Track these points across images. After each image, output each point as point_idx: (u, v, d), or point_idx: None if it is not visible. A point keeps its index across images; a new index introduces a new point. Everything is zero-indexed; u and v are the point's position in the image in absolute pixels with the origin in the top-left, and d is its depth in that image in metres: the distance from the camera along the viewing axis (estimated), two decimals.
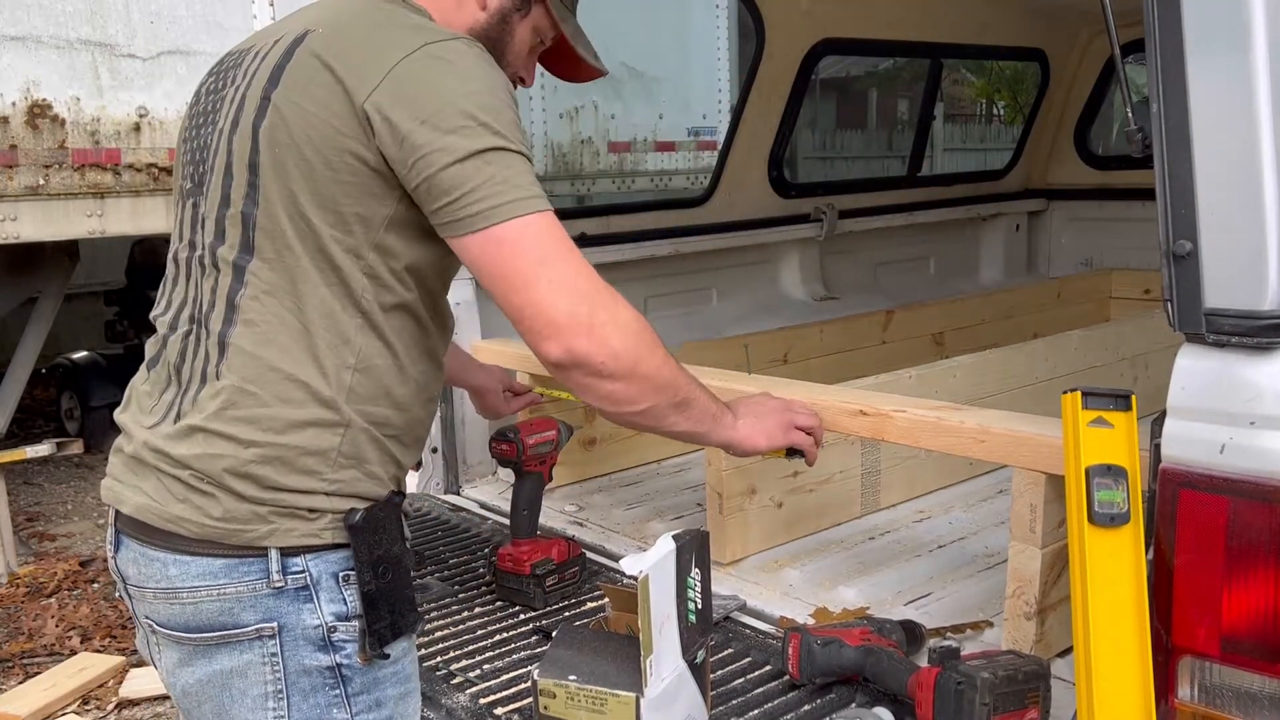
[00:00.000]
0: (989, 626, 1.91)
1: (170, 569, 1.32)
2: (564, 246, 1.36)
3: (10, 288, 5.16)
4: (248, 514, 1.31)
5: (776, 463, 2.28)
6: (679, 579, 1.54)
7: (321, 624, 1.33)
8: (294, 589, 1.32)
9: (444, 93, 1.30)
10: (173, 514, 1.32)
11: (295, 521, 1.32)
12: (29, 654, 4.03)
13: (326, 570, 1.34)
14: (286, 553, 1.32)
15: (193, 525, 1.31)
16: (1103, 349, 2.99)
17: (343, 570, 1.34)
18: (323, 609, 1.33)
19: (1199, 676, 1.35)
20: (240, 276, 1.34)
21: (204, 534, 1.31)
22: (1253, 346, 1.27)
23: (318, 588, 1.33)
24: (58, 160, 4.57)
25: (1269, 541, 1.26)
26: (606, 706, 1.53)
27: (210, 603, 1.32)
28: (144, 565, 1.36)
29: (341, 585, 1.34)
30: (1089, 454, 1.38)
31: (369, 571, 1.34)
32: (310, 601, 1.33)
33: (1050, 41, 4.41)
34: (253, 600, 1.31)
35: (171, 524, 1.32)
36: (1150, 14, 1.30)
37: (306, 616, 1.33)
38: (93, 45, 4.67)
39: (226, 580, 1.31)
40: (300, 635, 1.33)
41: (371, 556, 1.35)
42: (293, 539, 1.32)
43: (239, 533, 1.31)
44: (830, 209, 3.88)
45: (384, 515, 1.37)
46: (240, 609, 1.31)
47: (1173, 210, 1.30)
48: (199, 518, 1.31)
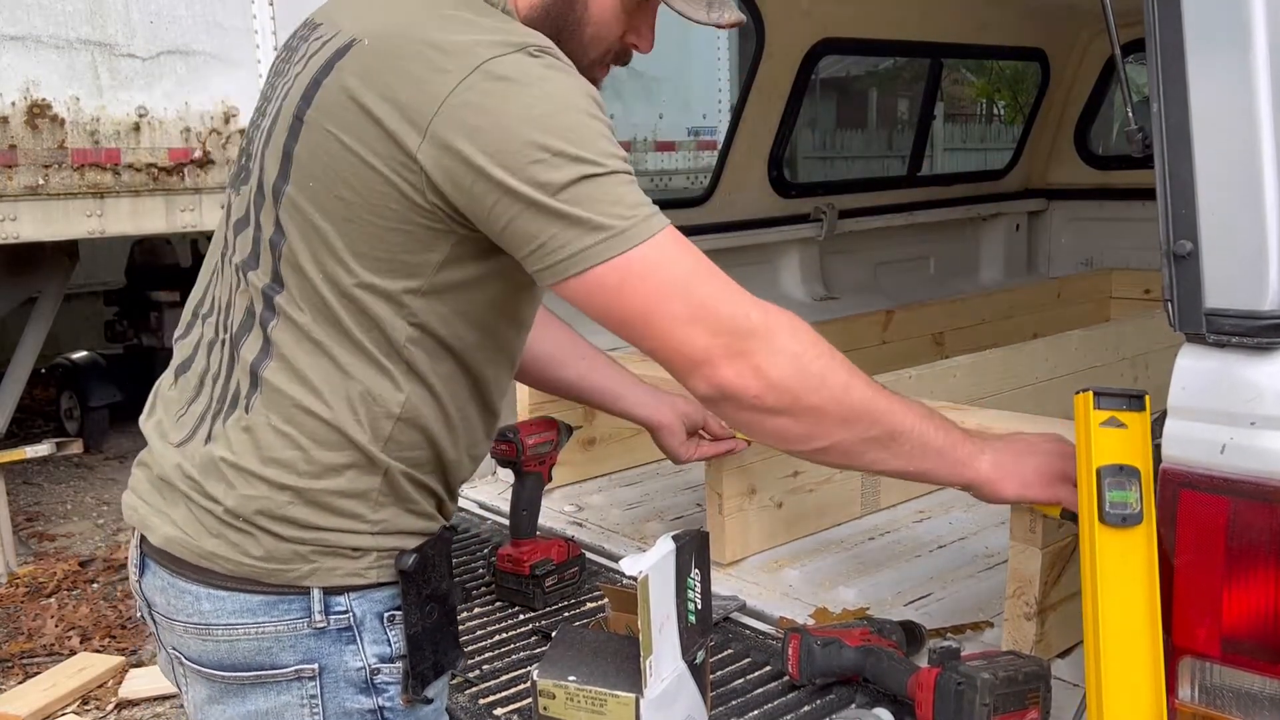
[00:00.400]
0: (989, 627, 1.91)
1: (204, 604, 1.24)
2: (682, 269, 1.22)
3: (10, 288, 5.16)
4: (289, 553, 1.23)
5: (775, 462, 2.28)
6: (679, 579, 1.53)
7: (365, 666, 1.27)
8: (336, 629, 1.25)
9: (510, 122, 1.13)
10: (206, 550, 1.23)
11: (339, 560, 1.25)
12: (29, 654, 4.04)
13: (371, 610, 1.27)
14: (330, 591, 1.25)
15: (229, 563, 1.23)
16: (1103, 349, 2.99)
17: (388, 610, 1.28)
18: (366, 650, 1.27)
19: (1199, 677, 1.34)
20: (271, 306, 1.23)
21: (241, 572, 1.23)
22: (1253, 347, 1.26)
23: (361, 628, 1.26)
24: (57, 160, 4.57)
25: (1269, 542, 1.26)
26: (606, 707, 1.53)
27: (247, 641, 1.24)
28: (174, 596, 1.27)
29: (386, 626, 1.28)
30: (1101, 454, 1.37)
31: (417, 613, 1.28)
32: (354, 643, 1.26)
33: (1050, 41, 4.41)
34: (293, 640, 1.24)
35: (205, 560, 1.24)
36: (1150, 13, 1.30)
37: (349, 658, 1.26)
38: (92, 45, 4.67)
39: (266, 618, 1.23)
40: (342, 677, 1.26)
41: (420, 598, 1.28)
42: (336, 578, 1.24)
43: (280, 572, 1.23)
44: (830, 209, 3.88)
45: (435, 554, 1.30)
46: (279, 649, 1.24)
47: (1173, 210, 1.30)
48: (236, 555, 1.22)
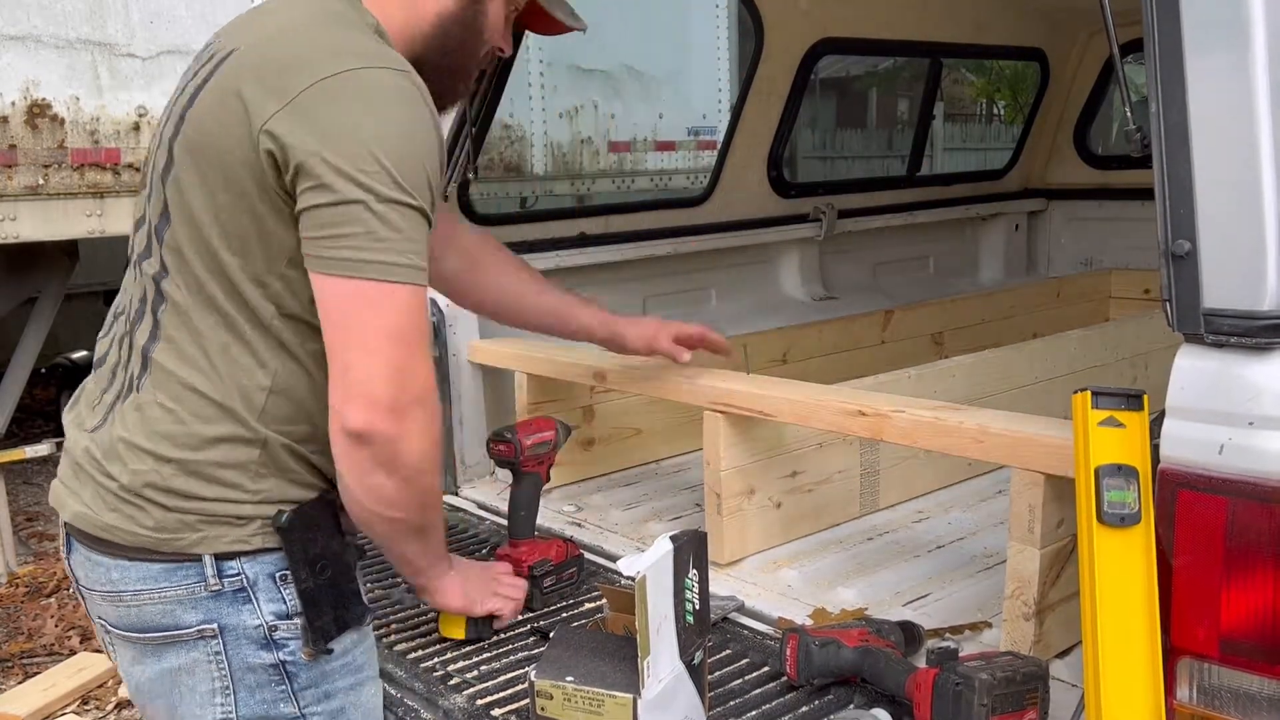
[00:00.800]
0: (987, 627, 1.91)
1: (113, 573, 1.36)
2: (420, 331, 1.31)
3: (10, 288, 5.16)
4: (176, 523, 1.33)
5: (774, 463, 2.28)
6: (677, 580, 1.53)
7: (262, 624, 1.36)
8: (231, 591, 1.35)
9: (352, 127, 1.25)
10: (105, 523, 1.35)
11: (224, 528, 1.34)
12: (28, 654, 4.03)
13: (263, 571, 1.36)
14: (221, 556, 1.34)
15: (125, 534, 1.34)
16: (1102, 349, 2.99)
17: (279, 570, 1.37)
18: (262, 609, 1.36)
19: (1198, 677, 1.34)
20: (159, 291, 1.37)
21: (137, 542, 1.34)
22: (1251, 347, 1.26)
23: (255, 589, 1.36)
24: (57, 160, 4.56)
25: (1268, 542, 1.26)
26: (604, 707, 1.53)
27: (152, 605, 1.35)
28: (90, 569, 1.39)
29: (279, 585, 1.37)
30: (1099, 454, 1.37)
31: (305, 570, 1.36)
32: (249, 603, 1.35)
33: (1050, 41, 4.40)
34: (192, 602, 1.34)
35: (105, 532, 1.35)
36: (1149, 14, 1.30)
37: (246, 617, 1.35)
38: (92, 45, 4.67)
39: (166, 584, 1.34)
40: (242, 635, 1.35)
41: (307, 555, 1.36)
42: (223, 545, 1.34)
43: (170, 541, 1.33)
44: (830, 209, 3.88)
45: (315, 514, 1.38)
46: (181, 610, 1.34)
47: (1171, 210, 1.30)
48: (131, 526, 1.34)
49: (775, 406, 2.11)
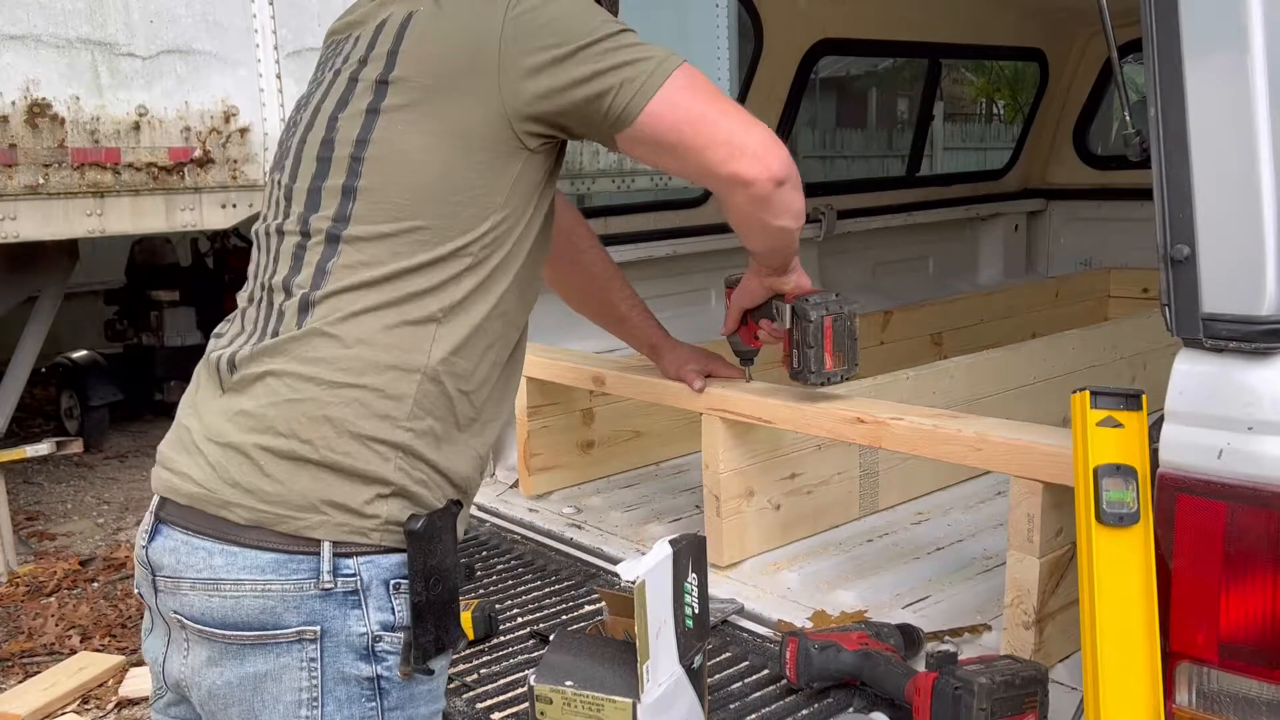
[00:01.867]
0: (987, 630, 1.91)
1: (215, 558, 1.27)
2: (706, 94, 1.43)
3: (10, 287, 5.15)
4: (300, 498, 1.26)
5: (773, 465, 2.28)
6: (676, 584, 1.53)
7: (368, 632, 1.28)
8: (343, 592, 1.27)
9: (559, 15, 1.37)
10: (223, 499, 1.27)
11: (347, 516, 1.27)
12: (29, 653, 4.03)
13: (378, 576, 1.28)
14: (340, 553, 1.26)
15: (243, 510, 1.26)
16: (1101, 348, 2.99)
17: (394, 578, 1.29)
18: (370, 616, 1.28)
19: (1197, 682, 1.35)
20: (335, 243, 1.33)
21: (254, 519, 1.26)
22: (1250, 352, 1.26)
23: (367, 593, 1.28)
24: (57, 159, 4.56)
25: (1267, 547, 1.26)
26: (603, 712, 1.53)
27: (253, 598, 1.25)
28: (185, 554, 1.29)
29: (392, 594, 1.29)
30: (1097, 454, 1.37)
31: (421, 582, 1.29)
32: (359, 608, 1.28)
33: (1049, 41, 4.40)
34: (298, 600, 1.26)
35: (222, 509, 1.27)
36: (1148, 15, 1.30)
37: (353, 623, 1.27)
38: (92, 44, 4.66)
39: (274, 576, 1.25)
40: (344, 642, 1.27)
41: (425, 566, 1.29)
42: (342, 534, 1.27)
43: (288, 519, 1.25)
44: (829, 209, 3.88)
45: (442, 524, 1.32)
46: (284, 609, 1.25)
47: (1170, 214, 1.30)
48: (250, 501, 1.26)
49: (774, 413, 2.11)
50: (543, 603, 2.14)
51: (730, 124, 1.38)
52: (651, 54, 1.39)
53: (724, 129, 1.37)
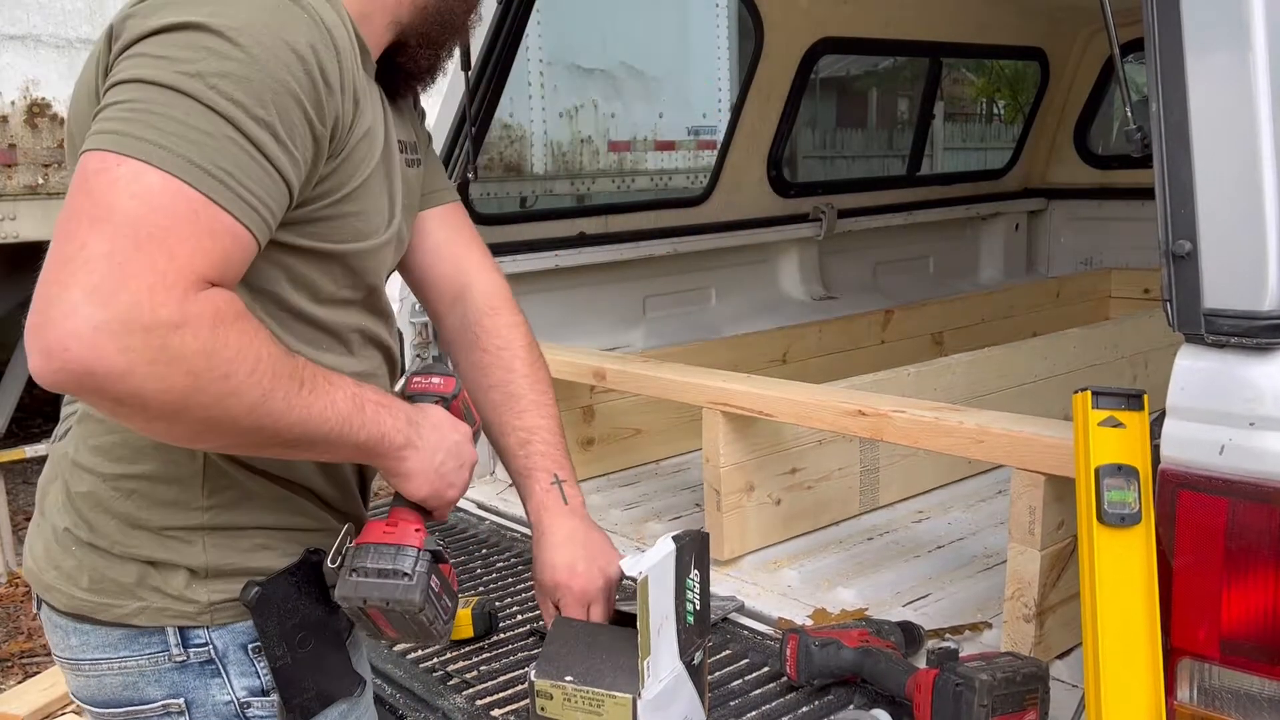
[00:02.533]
0: (988, 628, 1.91)
1: (71, 638, 1.19)
2: (156, 219, 0.96)
3: (10, 287, 5.15)
4: (112, 585, 1.15)
5: (774, 460, 2.28)
6: (678, 580, 1.53)
7: (233, 699, 1.19)
8: (198, 663, 1.18)
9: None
10: (45, 581, 1.18)
11: (166, 600, 1.15)
12: (29, 654, 4.03)
13: (234, 642, 1.18)
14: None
15: (60, 596, 1.17)
16: (1102, 348, 2.99)
17: (252, 642, 1.19)
18: (233, 684, 1.19)
19: (1198, 678, 1.34)
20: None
21: (72, 607, 1.17)
22: (1252, 347, 1.26)
23: (225, 661, 1.18)
24: (57, 159, 4.56)
25: (1268, 543, 1.25)
26: (603, 707, 1.53)
27: (112, 676, 1.18)
28: (50, 631, 1.22)
29: (254, 657, 1.19)
30: (1099, 454, 1.37)
31: (280, 647, 1.18)
32: (219, 676, 1.18)
33: (1050, 40, 4.40)
34: (156, 675, 1.17)
35: (45, 593, 1.19)
36: (1149, 13, 1.30)
37: (216, 692, 1.18)
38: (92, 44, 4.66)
39: (127, 653, 1.17)
40: (211, 712, 1.19)
41: (282, 630, 1.18)
42: (167, 619, 1.16)
43: (107, 607, 1.15)
44: (829, 208, 3.88)
45: (294, 580, 1.19)
46: (144, 684, 1.18)
47: (1172, 210, 1.30)
48: (67, 587, 1.17)
49: (775, 406, 2.11)
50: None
51: (71, 271, 0.93)
52: (143, 132, 0.96)
53: (62, 274, 0.95)
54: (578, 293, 3.15)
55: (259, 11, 1.02)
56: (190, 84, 0.96)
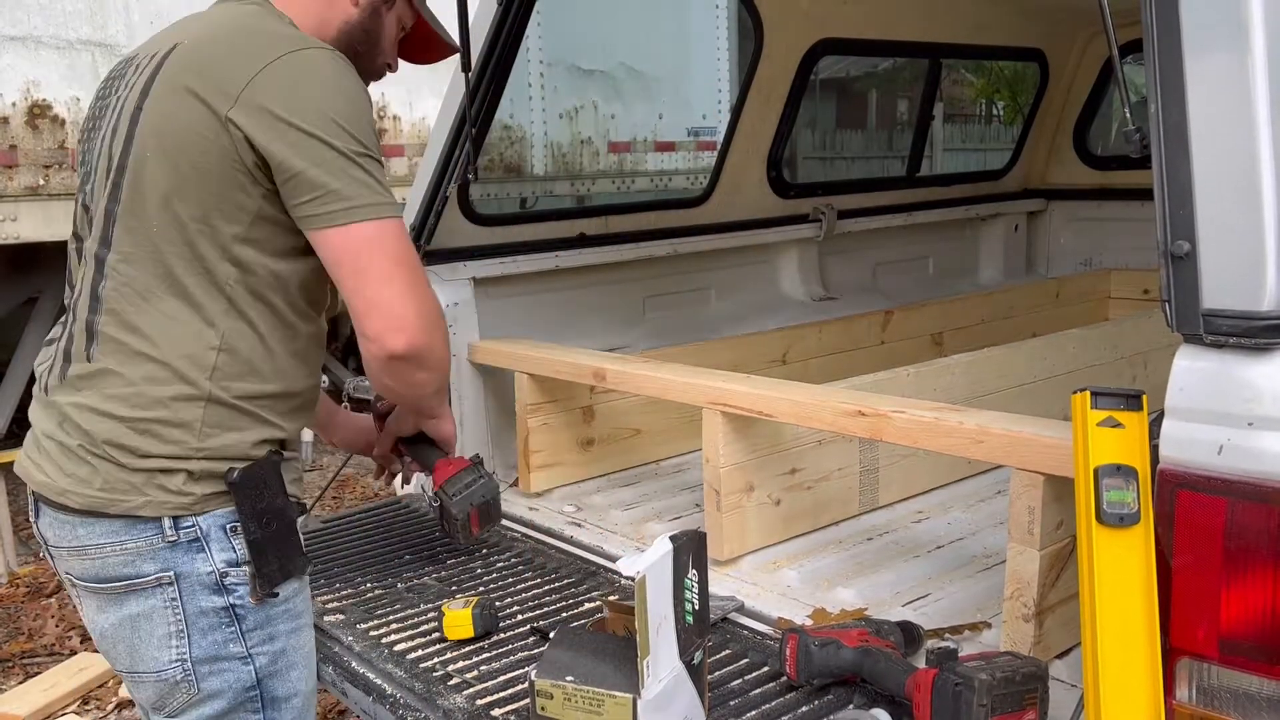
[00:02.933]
0: (987, 628, 1.91)
1: (79, 529, 1.49)
2: (415, 254, 1.54)
3: (10, 288, 5.15)
4: (124, 485, 1.46)
5: (773, 460, 2.28)
6: (676, 580, 1.53)
7: (214, 570, 1.50)
8: (186, 541, 1.48)
9: (306, 97, 1.44)
10: (60, 488, 1.49)
11: (166, 495, 1.47)
12: (29, 654, 4.03)
13: (215, 524, 1.50)
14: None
15: (76, 497, 1.48)
16: (1101, 348, 2.99)
17: (229, 523, 1.51)
18: (214, 557, 1.50)
19: (1197, 678, 1.35)
20: (101, 269, 1.50)
21: (87, 505, 1.47)
22: (1251, 347, 1.27)
23: (208, 540, 1.49)
24: (57, 160, 4.56)
25: (1267, 542, 1.26)
26: (603, 707, 1.53)
27: (115, 557, 1.48)
28: (58, 528, 1.52)
29: (230, 535, 1.51)
30: (1098, 454, 1.37)
31: (253, 523, 1.51)
32: (202, 551, 1.49)
33: (1049, 41, 4.41)
34: (151, 553, 1.48)
35: (60, 496, 1.49)
36: (1148, 15, 1.30)
37: (200, 565, 1.49)
38: (93, 45, 4.67)
39: (126, 536, 1.47)
40: (195, 581, 1.49)
41: (254, 510, 1.51)
42: (166, 510, 1.47)
43: (117, 502, 1.46)
44: (829, 209, 3.88)
45: (262, 472, 1.52)
46: (141, 561, 1.48)
47: (1171, 211, 1.30)
48: (81, 489, 1.47)
49: (774, 406, 2.11)
50: (543, 600, 2.14)
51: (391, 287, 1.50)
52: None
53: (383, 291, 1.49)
54: (578, 293, 3.15)
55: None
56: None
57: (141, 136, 1.48)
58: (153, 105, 1.49)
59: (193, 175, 1.45)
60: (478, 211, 2.99)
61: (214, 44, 1.51)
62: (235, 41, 1.50)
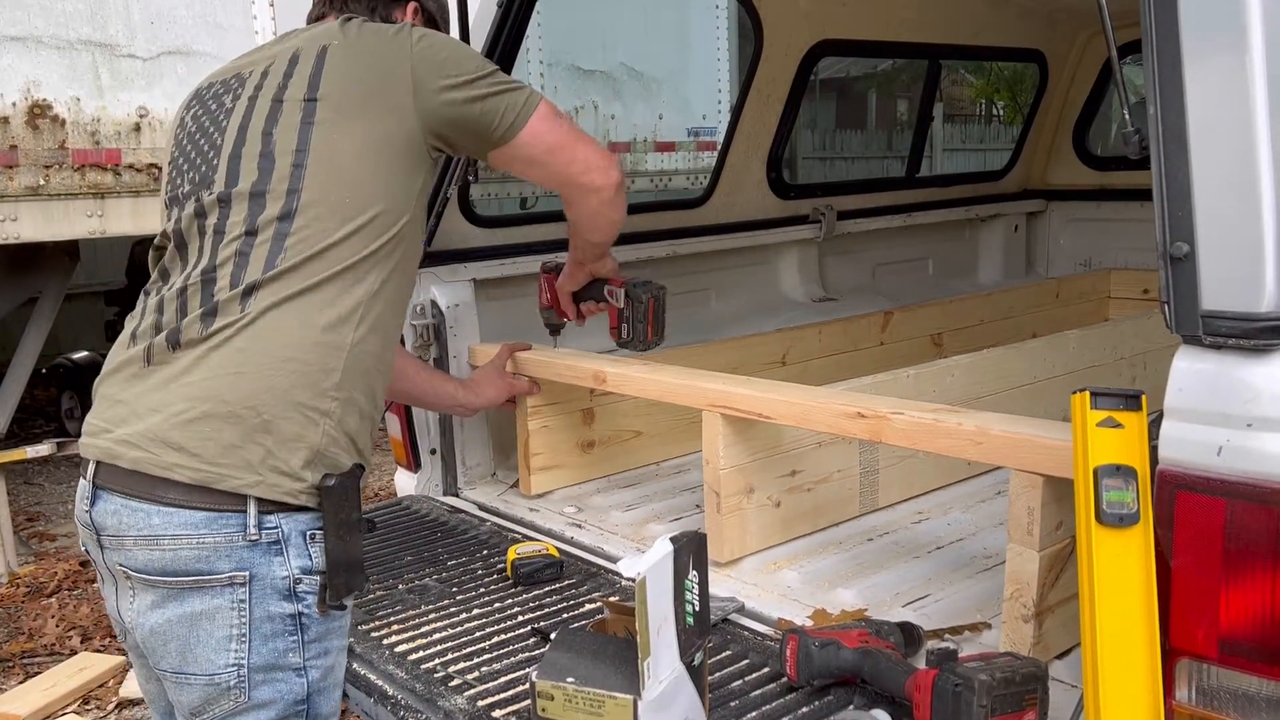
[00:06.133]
0: (987, 628, 1.91)
1: (154, 518, 1.46)
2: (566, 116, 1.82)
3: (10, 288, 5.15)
4: (240, 460, 1.45)
5: (773, 462, 2.28)
6: (677, 581, 1.54)
7: (289, 575, 1.49)
8: (267, 542, 1.47)
9: (453, 52, 1.71)
10: (167, 461, 1.45)
11: (280, 478, 1.47)
12: (29, 654, 4.04)
13: (296, 529, 1.49)
14: (263, 509, 1.47)
15: (187, 471, 1.44)
16: (1101, 349, 2.99)
17: (310, 529, 1.51)
18: (291, 562, 1.49)
19: (1197, 679, 1.35)
20: (281, 240, 1.53)
21: (198, 479, 1.44)
22: (1250, 349, 1.27)
23: (288, 543, 1.49)
24: (58, 160, 4.56)
25: (1266, 543, 1.26)
26: (604, 708, 1.53)
27: (189, 550, 1.45)
28: (126, 516, 1.48)
29: (308, 542, 1.50)
30: (1097, 454, 1.37)
31: (334, 533, 1.51)
32: (281, 554, 1.48)
33: (1049, 42, 4.41)
34: (229, 550, 1.46)
35: (166, 471, 1.45)
36: (1147, 16, 1.30)
37: (276, 568, 1.48)
38: (93, 45, 4.67)
39: (206, 530, 1.45)
40: (269, 585, 1.48)
41: (337, 520, 1.51)
42: (276, 494, 1.47)
43: (227, 478, 1.45)
44: (829, 210, 3.88)
45: (351, 484, 1.53)
46: (216, 557, 1.45)
47: (1170, 212, 1.30)
48: (193, 464, 1.44)
49: (774, 409, 2.11)
50: (543, 601, 2.14)
51: (583, 147, 1.82)
52: (521, 88, 1.74)
53: (580, 150, 1.81)
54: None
55: None
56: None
57: (323, 122, 1.63)
58: (332, 88, 1.65)
59: (382, 152, 1.63)
60: (478, 213, 3.00)
61: (355, 40, 1.72)
62: (370, 36, 1.72)
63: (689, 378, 2.33)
